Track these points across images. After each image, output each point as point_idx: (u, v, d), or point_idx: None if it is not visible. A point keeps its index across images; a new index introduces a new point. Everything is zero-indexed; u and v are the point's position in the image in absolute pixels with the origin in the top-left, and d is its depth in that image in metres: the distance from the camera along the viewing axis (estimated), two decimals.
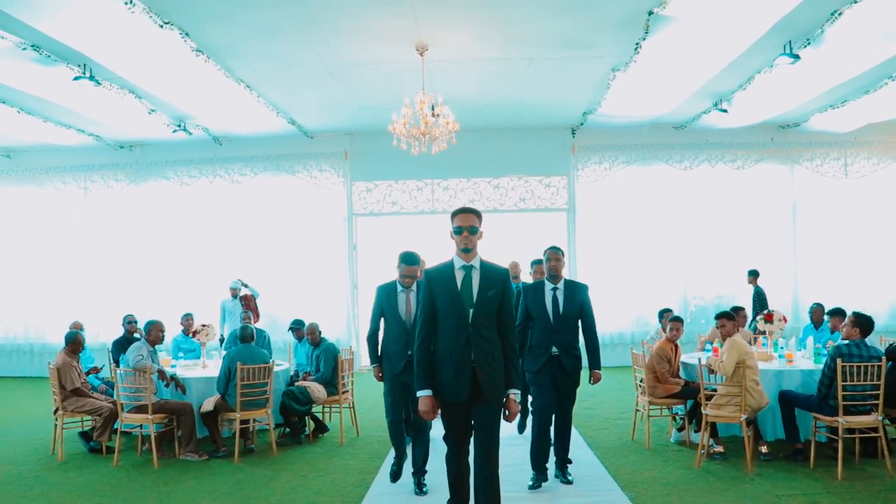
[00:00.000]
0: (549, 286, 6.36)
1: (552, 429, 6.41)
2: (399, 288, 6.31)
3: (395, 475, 6.44)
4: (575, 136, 14.40)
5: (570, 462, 6.59)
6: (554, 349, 6.24)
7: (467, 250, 4.50)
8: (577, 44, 9.51)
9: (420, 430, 6.27)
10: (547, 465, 6.41)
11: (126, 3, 7.35)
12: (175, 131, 12.95)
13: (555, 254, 6.35)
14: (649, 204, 14.44)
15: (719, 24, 8.45)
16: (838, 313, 8.30)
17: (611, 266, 14.29)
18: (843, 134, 14.02)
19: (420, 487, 6.30)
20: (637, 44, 9.09)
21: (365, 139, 14.38)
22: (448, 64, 10.14)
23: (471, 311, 4.45)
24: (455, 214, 4.58)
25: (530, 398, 6.79)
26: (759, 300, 12.68)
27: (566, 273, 6.49)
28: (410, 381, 5.89)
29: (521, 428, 8.40)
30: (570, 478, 6.49)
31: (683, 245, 14.38)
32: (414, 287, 6.30)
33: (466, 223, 4.49)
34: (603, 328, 13.58)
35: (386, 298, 6.34)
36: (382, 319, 6.44)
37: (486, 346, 4.44)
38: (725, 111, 12.30)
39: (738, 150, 14.31)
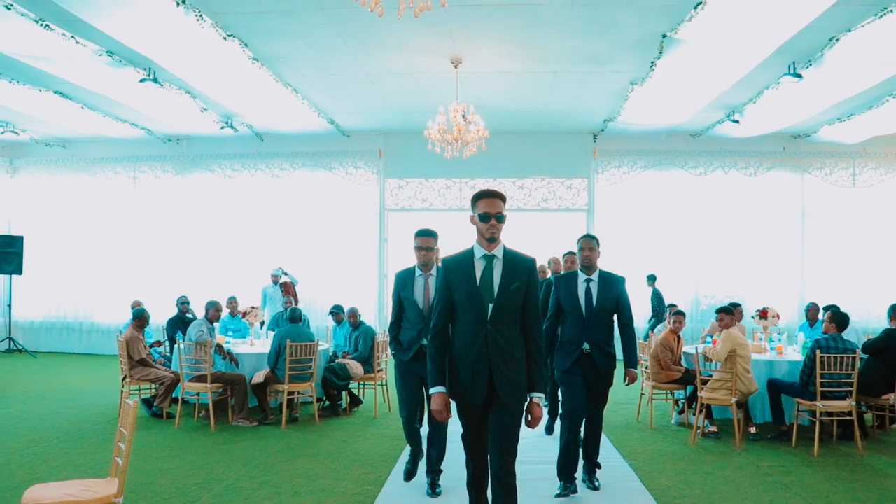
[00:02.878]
0: (582, 277, 5.83)
1: (582, 430, 5.94)
2: (417, 272, 5.90)
3: (410, 474, 6.08)
4: (596, 141, 15.03)
5: (600, 467, 6.08)
6: (585, 346, 5.75)
7: (493, 239, 4.01)
8: (598, 60, 10.23)
9: (438, 423, 5.60)
10: (576, 476, 5.84)
11: (197, 20, 8.28)
12: (223, 128, 13.82)
13: (589, 243, 5.82)
14: (665, 207, 15.07)
15: (727, 47, 9.13)
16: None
17: (626, 265, 14.50)
18: (851, 145, 14.55)
19: (433, 488, 5.82)
20: (652, 62, 9.81)
21: (398, 139, 15.14)
22: (480, 75, 10.85)
23: (490, 306, 3.97)
24: (479, 198, 4.05)
25: (560, 398, 6.26)
26: (658, 300, 13.81)
27: None
28: (424, 372, 5.53)
29: (550, 429, 8.04)
30: (597, 483, 5.95)
31: (696, 247, 14.97)
32: (434, 272, 5.87)
33: (494, 209, 3.99)
34: None
35: (402, 284, 5.91)
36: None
37: (505, 346, 3.98)
38: (738, 122, 12.92)
39: (750, 157, 14.88)
